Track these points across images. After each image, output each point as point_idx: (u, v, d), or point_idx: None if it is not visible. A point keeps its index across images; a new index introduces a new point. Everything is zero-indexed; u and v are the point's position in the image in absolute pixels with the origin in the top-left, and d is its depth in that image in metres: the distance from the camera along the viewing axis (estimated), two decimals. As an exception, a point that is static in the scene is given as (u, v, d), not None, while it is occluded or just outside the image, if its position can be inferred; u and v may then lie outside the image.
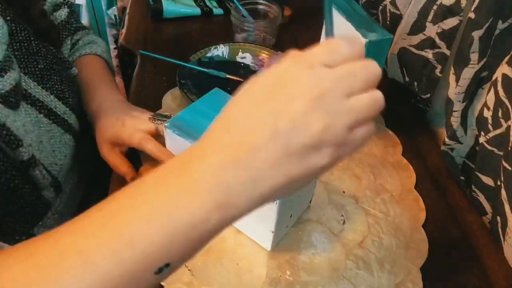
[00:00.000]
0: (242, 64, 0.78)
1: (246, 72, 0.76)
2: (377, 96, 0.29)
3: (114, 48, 1.51)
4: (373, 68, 0.29)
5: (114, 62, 0.94)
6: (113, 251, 0.27)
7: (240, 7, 0.82)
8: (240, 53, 0.78)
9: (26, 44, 0.53)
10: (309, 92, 0.27)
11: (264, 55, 0.78)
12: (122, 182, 0.57)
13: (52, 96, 0.55)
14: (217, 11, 0.93)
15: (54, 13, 0.68)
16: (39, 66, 0.54)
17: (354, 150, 0.30)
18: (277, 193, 0.29)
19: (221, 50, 0.78)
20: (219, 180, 0.27)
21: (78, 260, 0.26)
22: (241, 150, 0.27)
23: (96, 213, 0.29)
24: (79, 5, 1.46)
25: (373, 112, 0.29)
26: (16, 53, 0.52)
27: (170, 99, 0.70)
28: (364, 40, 0.54)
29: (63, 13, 0.69)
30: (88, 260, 0.26)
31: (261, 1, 0.84)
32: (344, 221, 0.55)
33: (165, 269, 0.28)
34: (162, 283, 0.47)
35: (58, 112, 0.56)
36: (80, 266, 0.26)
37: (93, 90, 0.62)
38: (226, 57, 0.78)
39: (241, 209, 0.28)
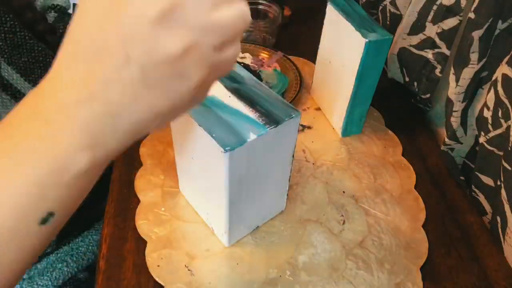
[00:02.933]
0: (242, 64, 0.78)
1: (246, 72, 0.76)
2: (243, 8, 0.25)
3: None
4: None
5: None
6: None
7: (240, 7, 0.82)
8: (240, 53, 0.79)
9: (11, 35, 0.53)
10: (160, 2, 0.22)
11: (264, 55, 0.78)
12: (121, 181, 0.57)
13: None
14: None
15: None
16: (22, 59, 0.54)
17: (226, 73, 0.28)
18: (147, 128, 0.26)
19: None
20: (76, 119, 0.24)
21: None
22: (93, 82, 0.23)
23: None
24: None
25: (242, 26, 0.25)
26: (0, 43, 0.51)
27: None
28: (364, 40, 0.54)
29: (49, 18, 0.69)
30: None
31: (261, 1, 0.84)
32: (344, 221, 0.55)
33: (50, 218, 0.25)
34: (162, 283, 0.47)
35: None
36: None
37: None
38: (226, 57, 0.78)
39: (109, 147, 0.25)
